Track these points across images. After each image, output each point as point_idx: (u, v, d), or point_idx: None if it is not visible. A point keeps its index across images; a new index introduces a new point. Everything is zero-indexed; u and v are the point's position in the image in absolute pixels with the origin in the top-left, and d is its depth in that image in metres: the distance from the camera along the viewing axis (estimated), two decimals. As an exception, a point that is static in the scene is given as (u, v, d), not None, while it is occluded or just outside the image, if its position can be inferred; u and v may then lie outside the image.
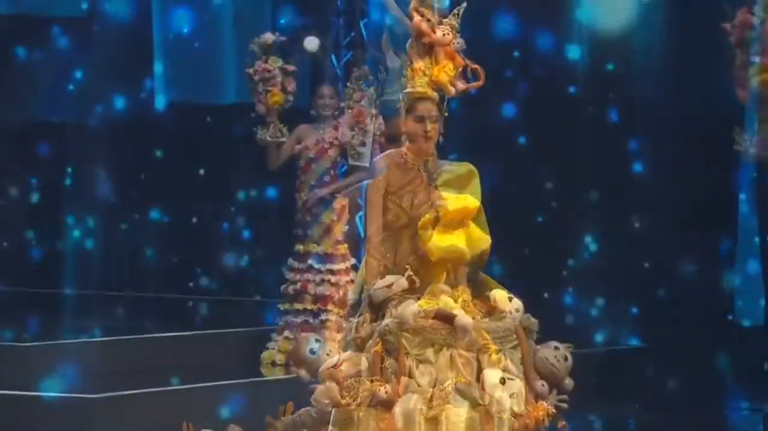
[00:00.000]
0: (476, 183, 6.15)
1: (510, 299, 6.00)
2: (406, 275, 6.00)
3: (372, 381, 5.79)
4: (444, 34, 6.09)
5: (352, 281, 10.71)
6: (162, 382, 10.35)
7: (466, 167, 6.20)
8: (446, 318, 5.80)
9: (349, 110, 11.12)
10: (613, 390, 11.23)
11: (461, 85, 6.12)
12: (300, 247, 11.11)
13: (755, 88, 10.82)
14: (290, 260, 11.17)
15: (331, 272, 11.11)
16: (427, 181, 6.16)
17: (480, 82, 6.16)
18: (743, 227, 13.79)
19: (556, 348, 6.00)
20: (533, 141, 14.39)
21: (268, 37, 11.08)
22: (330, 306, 11.10)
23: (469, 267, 6.16)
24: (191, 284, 15.38)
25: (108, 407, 9.86)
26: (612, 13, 13.92)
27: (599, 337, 13.10)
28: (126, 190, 15.98)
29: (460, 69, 6.13)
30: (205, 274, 15.60)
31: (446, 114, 6.15)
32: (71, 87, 15.68)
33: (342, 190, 11.20)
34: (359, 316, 6.06)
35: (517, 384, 5.82)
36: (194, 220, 15.87)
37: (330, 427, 6.00)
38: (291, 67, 11.02)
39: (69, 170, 16.12)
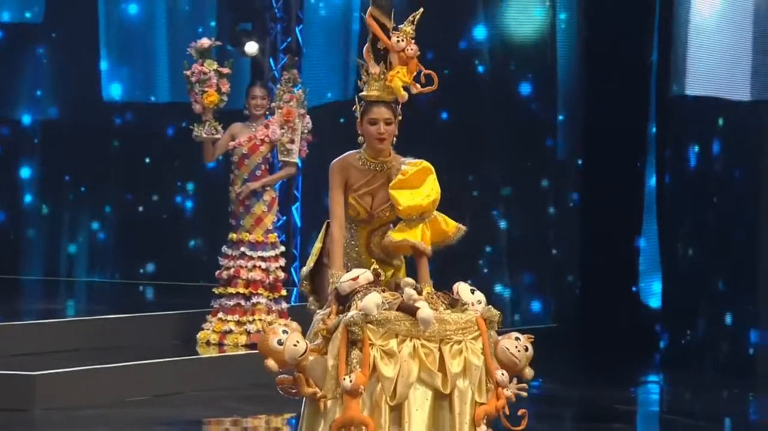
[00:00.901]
0: (432, 179, 6.13)
1: (472, 292, 5.96)
2: (371, 268, 6.02)
3: (338, 371, 5.75)
4: (399, 41, 6.05)
5: (282, 267, 11.60)
6: (104, 361, 10.62)
7: (421, 164, 6.17)
8: (409, 310, 5.77)
9: (280, 110, 11.39)
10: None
11: (415, 89, 6.09)
12: (233, 236, 11.37)
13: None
14: (224, 248, 11.42)
15: (262, 259, 11.35)
16: (386, 181, 6.14)
17: (433, 87, 6.12)
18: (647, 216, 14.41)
19: (516, 338, 5.97)
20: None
21: (205, 41, 11.28)
22: (260, 290, 11.34)
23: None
24: (141, 270, 15.72)
25: (48, 383, 10.12)
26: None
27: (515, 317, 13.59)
28: (83, 181, 16.18)
29: (414, 74, 6.05)
30: (151, 261, 15.94)
31: (400, 117, 6.12)
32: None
33: (273, 183, 11.52)
34: (326, 307, 6.02)
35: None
36: (140, 209, 15.96)
37: (302, 416, 6.00)
38: (226, 70, 11.20)
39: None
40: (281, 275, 11.61)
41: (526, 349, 5.89)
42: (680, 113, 13.95)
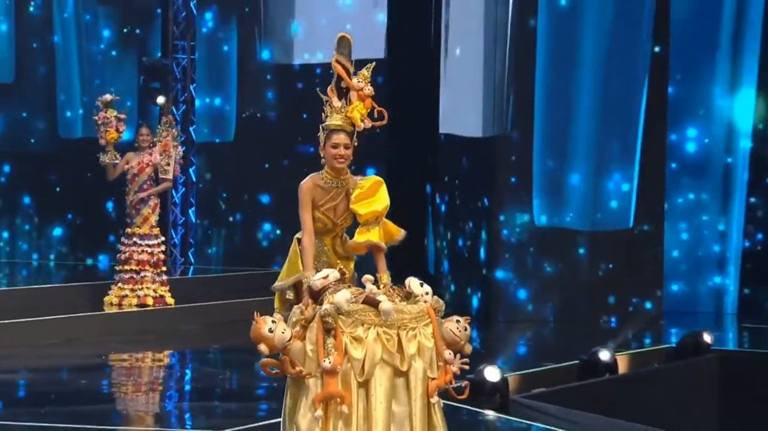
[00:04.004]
0: (383, 190, 6.09)
1: (421, 285, 5.91)
2: (338, 268, 5.97)
3: (318, 354, 5.64)
4: (358, 82, 5.99)
5: (163, 251, 12.94)
6: (34, 316, 11.87)
7: (373, 179, 6.12)
8: (373, 303, 5.71)
9: (159, 143, 12.57)
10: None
11: (369, 122, 6.02)
12: (128, 230, 12.63)
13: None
14: (122, 239, 12.73)
15: (148, 245, 12.62)
16: (345, 195, 6.05)
17: (384, 122, 6.07)
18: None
19: (457, 321, 5.89)
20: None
21: (108, 96, 12.48)
22: (147, 267, 12.60)
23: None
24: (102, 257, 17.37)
25: None
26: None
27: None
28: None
29: (369, 109, 6.01)
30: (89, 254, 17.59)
31: (356, 144, 6.07)
32: None
33: (156, 194, 12.70)
34: (302, 303, 5.88)
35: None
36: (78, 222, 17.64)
37: (286, 392, 5.92)
38: (122, 116, 12.42)
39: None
40: (162, 256, 12.78)
41: (465, 329, 5.86)
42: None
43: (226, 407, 9.21)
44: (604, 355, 10.32)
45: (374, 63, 6.06)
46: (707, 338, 11.33)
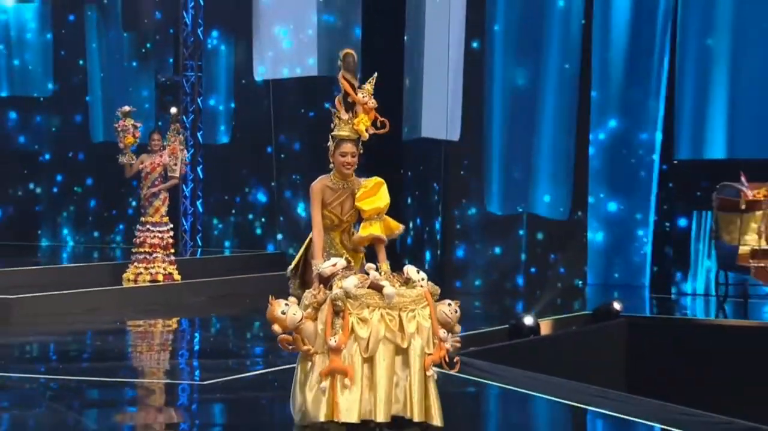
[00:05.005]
0: (384, 189, 5.93)
1: (418, 272, 5.75)
2: (344, 257, 5.84)
3: (325, 333, 5.53)
4: (363, 96, 5.80)
5: (172, 236, 12.80)
6: (61, 289, 11.83)
7: (375, 180, 5.95)
8: (377, 288, 5.57)
9: (168, 146, 12.55)
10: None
11: (372, 130, 5.85)
12: (142, 219, 12.66)
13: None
14: (137, 226, 12.71)
15: (159, 232, 12.61)
16: (350, 194, 5.90)
17: (386, 129, 5.88)
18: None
19: (449, 304, 5.73)
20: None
21: (126, 107, 12.42)
22: (158, 250, 12.60)
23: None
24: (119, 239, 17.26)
25: (25, 306, 11.15)
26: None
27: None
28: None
29: (372, 120, 5.84)
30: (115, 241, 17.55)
31: (361, 151, 5.90)
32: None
33: (165, 189, 12.63)
34: (313, 288, 5.69)
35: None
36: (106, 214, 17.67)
37: (297, 366, 5.73)
38: (139, 124, 12.39)
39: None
40: (171, 240, 12.75)
41: (456, 311, 5.72)
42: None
43: (224, 363, 9.02)
44: (528, 320, 10.40)
45: (376, 75, 5.87)
46: (617, 306, 11.50)
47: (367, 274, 5.66)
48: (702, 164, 13.86)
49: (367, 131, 5.81)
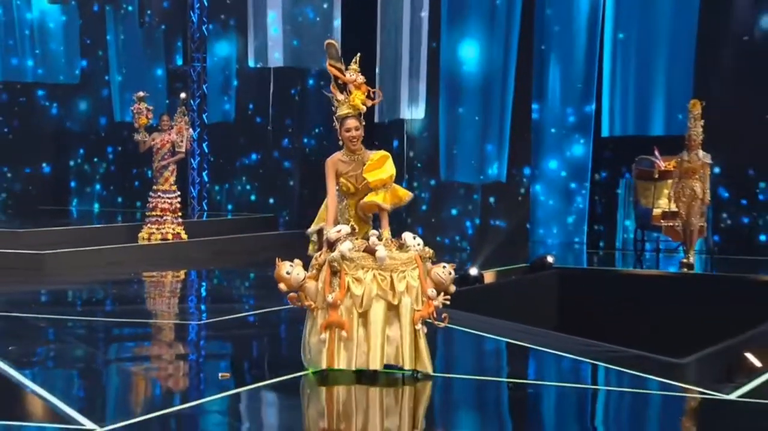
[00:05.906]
0: (389, 162, 5.75)
1: (414, 238, 5.64)
2: (350, 224, 5.73)
3: (324, 291, 5.44)
4: (351, 75, 5.66)
5: (179, 202, 12.93)
6: (87, 246, 11.92)
7: (381, 153, 5.77)
8: (371, 251, 5.48)
9: (175, 126, 12.73)
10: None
11: (369, 102, 5.71)
12: (155, 187, 12.81)
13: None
14: (150, 194, 12.88)
15: (169, 198, 12.78)
16: (362, 165, 5.74)
17: (380, 99, 5.75)
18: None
19: (443, 266, 5.64)
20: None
21: (141, 93, 12.51)
22: (168, 213, 12.78)
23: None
24: (138, 204, 16.39)
25: (56, 260, 11.18)
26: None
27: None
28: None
29: (365, 93, 5.69)
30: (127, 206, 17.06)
31: (363, 124, 5.77)
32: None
33: (173, 162, 12.75)
34: (318, 250, 5.65)
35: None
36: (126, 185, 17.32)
37: (306, 320, 5.66)
38: (151, 107, 12.47)
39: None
40: (178, 205, 12.88)
41: (450, 273, 5.61)
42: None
43: (227, 306, 8.91)
44: (473, 271, 10.31)
45: (359, 54, 5.70)
46: (550, 259, 11.47)
47: (368, 240, 5.60)
48: (624, 140, 13.74)
49: (363, 104, 5.71)
